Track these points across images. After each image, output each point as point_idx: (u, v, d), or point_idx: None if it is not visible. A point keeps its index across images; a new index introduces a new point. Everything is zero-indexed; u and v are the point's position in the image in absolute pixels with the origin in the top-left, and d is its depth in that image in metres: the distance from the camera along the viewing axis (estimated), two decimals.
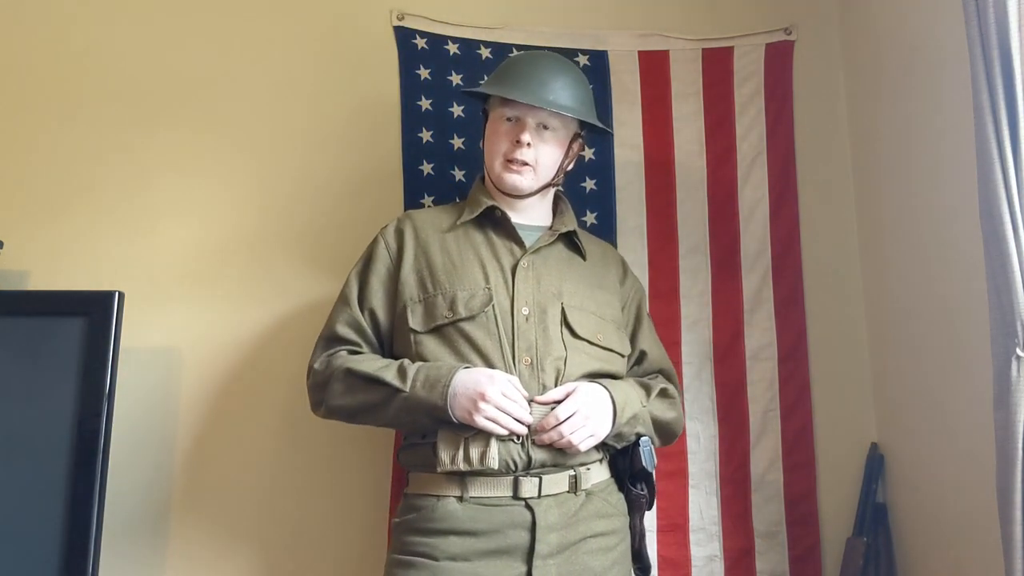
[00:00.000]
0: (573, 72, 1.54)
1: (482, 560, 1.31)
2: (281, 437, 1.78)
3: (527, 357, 1.39)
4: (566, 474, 1.37)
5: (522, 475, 1.34)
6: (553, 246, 1.53)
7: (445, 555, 1.32)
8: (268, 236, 1.86)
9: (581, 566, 1.34)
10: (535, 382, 1.37)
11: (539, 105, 1.45)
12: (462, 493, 1.35)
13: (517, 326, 1.41)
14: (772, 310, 1.94)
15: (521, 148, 1.47)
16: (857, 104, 2.00)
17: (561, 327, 1.43)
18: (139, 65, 1.88)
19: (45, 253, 1.78)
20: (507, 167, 1.49)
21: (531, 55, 1.60)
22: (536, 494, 1.34)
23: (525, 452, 1.34)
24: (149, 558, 1.71)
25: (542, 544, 1.32)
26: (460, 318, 1.40)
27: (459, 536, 1.33)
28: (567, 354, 1.41)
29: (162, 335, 1.78)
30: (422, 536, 1.35)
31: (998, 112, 1.25)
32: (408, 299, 1.46)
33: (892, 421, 1.86)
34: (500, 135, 1.51)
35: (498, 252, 1.49)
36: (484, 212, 1.52)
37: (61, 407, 1.50)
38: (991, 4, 1.27)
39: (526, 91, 1.46)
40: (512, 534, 1.32)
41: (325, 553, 1.76)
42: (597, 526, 1.39)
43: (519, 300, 1.43)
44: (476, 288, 1.43)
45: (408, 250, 1.50)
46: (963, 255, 1.53)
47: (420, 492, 1.39)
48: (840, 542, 1.84)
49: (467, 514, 1.33)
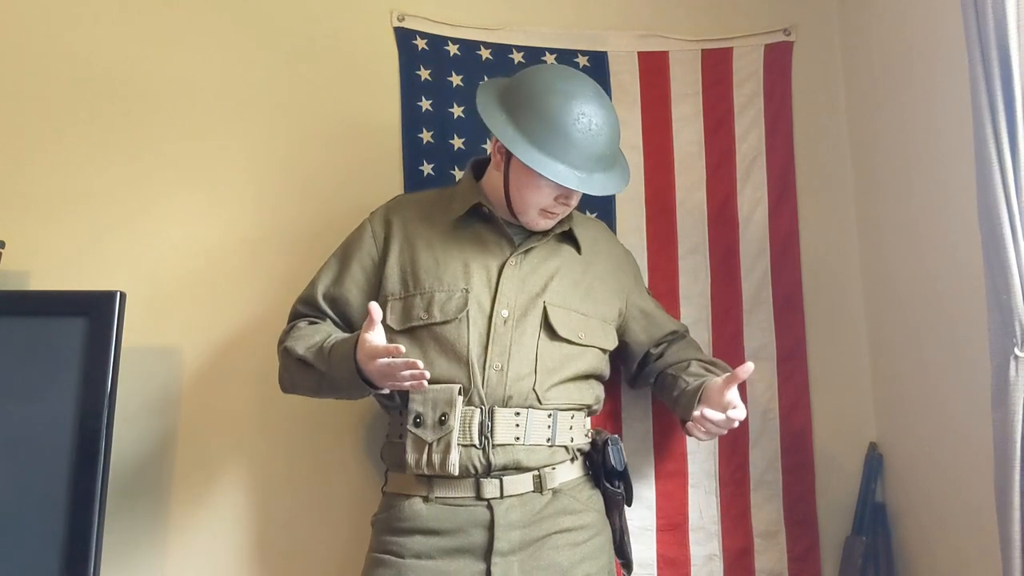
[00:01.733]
0: (615, 121, 1.44)
1: (444, 558, 1.36)
2: (281, 437, 1.78)
3: (498, 362, 1.40)
4: (529, 475, 1.40)
5: (483, 477, 1.38)
6: (545, 242, 1.52)
7: (411, 553, 1.37)
8: (269, 236, 1.86)
9: (547, 561, 1.37)
10: (501, 388, 1.39)
11: (605, 194, 1.42)
12: (428, 493, 1.39)
13: (494, 328, 1.42)
14: (771, 310, 1.94)
15: (566, 208, 1.46)
16: (856, 104, 2.01)
17: (540, 330, 1.44)
18: (139, 66, 1.88)
19: (46, 253, 1.78)
20: (544, 215, 1.46)
21: (575, 109, 1.37)
22: (498, 495, 1.38)
23: (485, 457, 1.37)
24: (149, 557, 1.71)
25: (501, 542, 1.35)
26: (434, 322, 1.42)
27: (424, 535, 1.37)
28: (539, 360, 1.42)
29: (163, 335, 1.78)
30: (392, 535, 1.41)
31: (996, 113, 1.26)
32: (389, 294, 1.48)
33: (891, 421, 1.87)
34: (543, 189, 1.41)
35: (486, 251, 1.49)
36: (472, 209, 1.50)
37: (62, 407, 1.50)
38: (990, 5, 1.27)
39: (585, 168, 1.37)
40: (473, 532, 1.36)
41: (326, 553, 1.76)
42: (563, 522, 1.41)
43: (500, 302, 1.44)
44: (454, 290, 1.44)
45: (395, 242, 1.51)
46: (961, 255, 1.54)
47: (394, 491, 1.45)
48: (839, 541, 1.84)
49: (431, 514, 1.38)
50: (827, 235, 2.00)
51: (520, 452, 1.39)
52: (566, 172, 1.37)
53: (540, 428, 1.41)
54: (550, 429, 1.42)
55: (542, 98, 1.38)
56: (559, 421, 1.43)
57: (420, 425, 1.37)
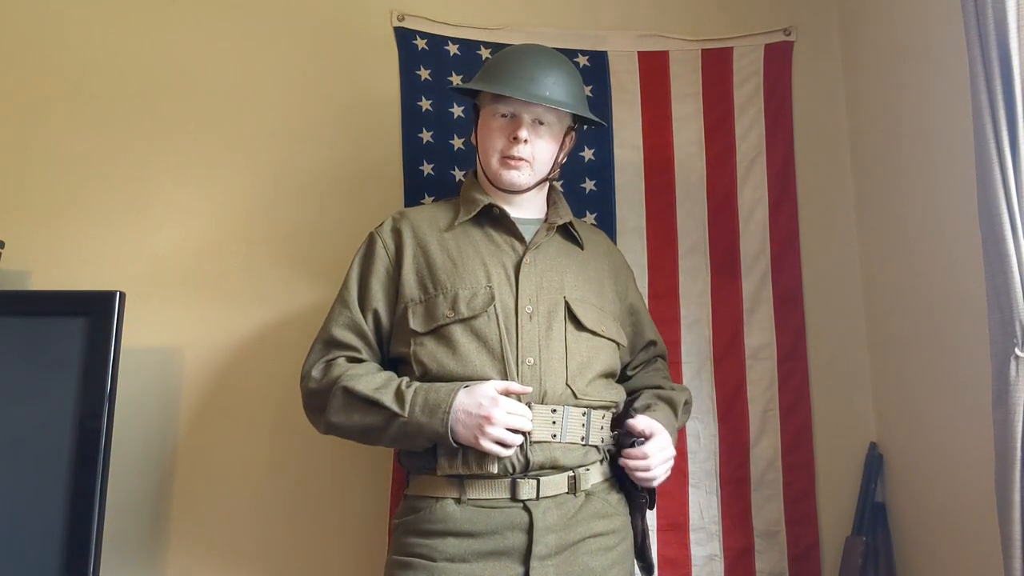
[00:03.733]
0: (565, 65, 1.51)
1: (480, 561, 1.31)
2: (282, 436, 1.78)
3: (530, 358, 1.38)
4: (565, 475, 1.37)
5: (520, 477, 1.34)
6: (552, 239, 1.53)
7: (443, 556, 1.32)
8: (269, 236, 1.86)
9: (581, 567, 1.34)
10: (537, 383, 1.37)
11: (537, 102, 1.44)
12: (460, 495, 1.34)
13: (521, 325, 1.40)
14: (771, 310, 1.94)
15: (519, 145, 1.46)
16: (856, 104, 2.01)
17: (565, 323, 1.43)
18: (139, 66, 1.88)
19: (46, 253, 1.78)
20: (505, 164, 1.47)
21: (521, 49, 1.55)
22: (534, 496, 1.34)
23: (523, 455, 1.33)
24: (150, 558, 1.71)
25: (539, 545, 1.32)
26: (462, 318, 1.39)
27: (457, 537, 1.33)
28: (568, 354, 1.41)
29: (163, 335, 1.78)
30: (421, 537, 1.35)
31: (997, 112, 1.26)
32: (409, 300, 1.44)
33: (891, 420, 1.87)
34: (495, 131, 1.48)
35: (500, 249, 1.48)
36: (482, 210, 1.50)
37: (62, 407, 1.50)
38: (990, 5, 1.27)
39: (520, 87, 1.44)
40: (510, 535, 1.32)
41: (325, 553, 1.76)
42: (597, 526, 1.39)
43: (523, 298, 1.43)
44: (477, 287, 1.42)
45: (407, 250, 1.48)
46: (962, 255, 1.54)
47: (420, 494, 1.39)
48: (839, 541, 1.84)
49: (465, 516, 1.33)
50: (827, 235, 2.00)
51: (557, 450, 1.36)
52: (500, 87, 1.44)
53: (575, 426, 1.38)
54: (584, 428, 1.39)
55: (494, 58, 1.55)
56: (593, 419, 1.41)
57: None
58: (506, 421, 1.29)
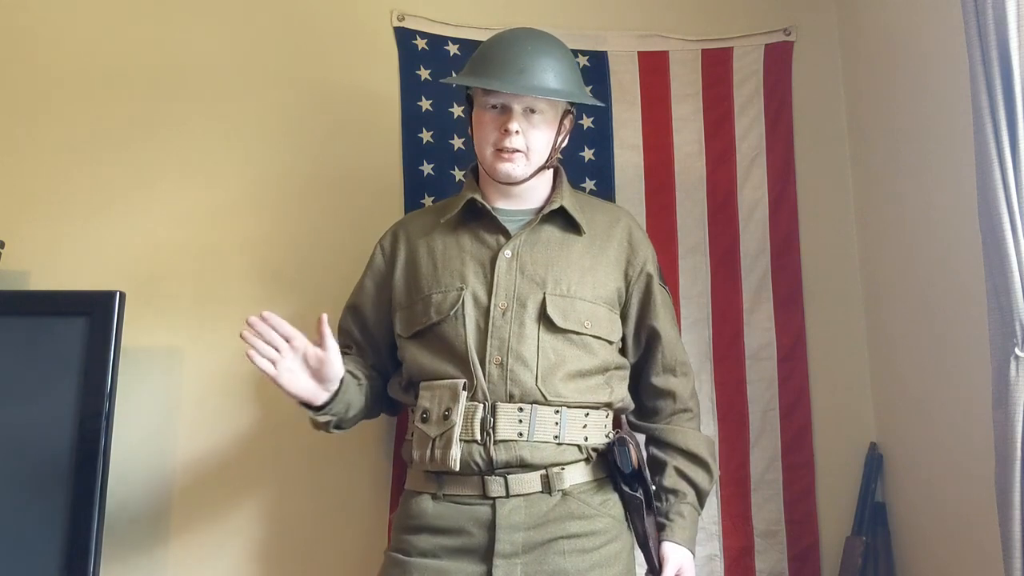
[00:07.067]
0: (555, 49, 1.46)
1: (448, 558, 1.34)
2: (281, 436, 1.78)
3: (498, 356, 1.38)
4: (537, 474, 1.36)
5: (487, 475, 1.35)
6: (542, 227, 1.49)
7: (417, 551, 1.36)
8: (269, 236, 1.86)
9: (552, 567, 1.33)
10: (503, 383, 1.37)
11: (524, 93, 1.41)
12: (437, 491, 1.38)
13: (492, 322, 1.40)
14: (771, 310, 1.94)
15: (510, 137, 1.43)
16: (856, 104, 2.01)
17: (539, 322, 1.41)
18: (140, 67, 1.88)
19: (45, 253, 1.78)
20: (498, 156, 1.45)
21: (508, 36, 1.49)
22: (503, 493, 1.35)
23: (486, 453, 1.35)
24: (150, 558, 1.71)
25: (503, 543, 1.32)
26: (432, 322, 1.43)
27: (430, 533, 1.36)
28: (540, 354, 1.39)
29: (163, 335, 1.78)
30: (404, 532, 1.40)
31: (997, 112, 1.26)
32: (398, 306, 1.51)
33: (891, 420, 1.87)
34: (487, 124, 1.45)
35: (484, 246, 1.47)
36: (469, 206, 1.49)
37: (62, 407, 1.50)
38: (990, 5, 1.27)
39: (508, 79, 1.40)
40: (475, 532, 1.34)
41: (326, 551, 1.76)
42: (571, 527, 1.36)
43: (499, 295, 1.42)
44: (450, 289, 1.44)
45: (400, 257, 1.54)
46: (962, 255, 1.53)
47: (409, 488, 1.45)
48: (839, 541, 1.84)
49: (437, 511, 1.37)
50: (827, 235, 1.99)
51: (524, 449, 1.35)
52: (486, 80, 1.42)
53: (546, 425, 1.37)
54: (557, 426, 1.37)
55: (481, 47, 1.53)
56: (568, 418, 1.38)
57: (426, 421, 1.37)
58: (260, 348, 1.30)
